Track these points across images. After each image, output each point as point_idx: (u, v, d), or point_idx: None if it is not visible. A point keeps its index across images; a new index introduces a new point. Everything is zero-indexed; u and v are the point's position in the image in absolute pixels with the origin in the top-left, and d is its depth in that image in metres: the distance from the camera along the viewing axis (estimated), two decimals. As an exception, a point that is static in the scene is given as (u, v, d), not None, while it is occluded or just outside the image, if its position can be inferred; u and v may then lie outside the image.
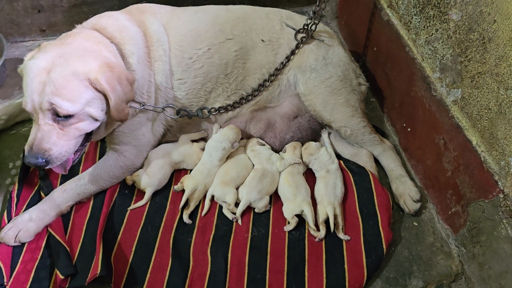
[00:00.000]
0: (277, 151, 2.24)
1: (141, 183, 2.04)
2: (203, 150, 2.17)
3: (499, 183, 1.72)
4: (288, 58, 2.22)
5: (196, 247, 1.93)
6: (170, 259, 1.88)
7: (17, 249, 1.87)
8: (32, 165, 1.65)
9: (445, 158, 2.01)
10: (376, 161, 2.26)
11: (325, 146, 2.22)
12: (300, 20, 2.29)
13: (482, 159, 1.78)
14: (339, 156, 2.24)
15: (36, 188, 2.07)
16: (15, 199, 2.01)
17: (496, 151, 1.72)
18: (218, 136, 2.11)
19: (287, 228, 1.98)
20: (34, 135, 1.64)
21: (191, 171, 2.14)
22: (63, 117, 1.64)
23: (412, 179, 2.19)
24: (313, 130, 2.28)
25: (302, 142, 2.24)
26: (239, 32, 2.18)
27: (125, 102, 1.78)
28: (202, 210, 2.04)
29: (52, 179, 2.10)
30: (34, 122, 1.67)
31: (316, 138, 2.29)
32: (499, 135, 1.69)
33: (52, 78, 1.60)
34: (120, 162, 2.03)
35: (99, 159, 2.14)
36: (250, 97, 2.23)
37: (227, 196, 2.00)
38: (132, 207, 2.02)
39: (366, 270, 1.86)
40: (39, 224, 1.90)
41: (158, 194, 2.09)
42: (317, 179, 2.13)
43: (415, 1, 2.12)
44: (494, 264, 1.77)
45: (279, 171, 2.12)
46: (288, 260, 1.90)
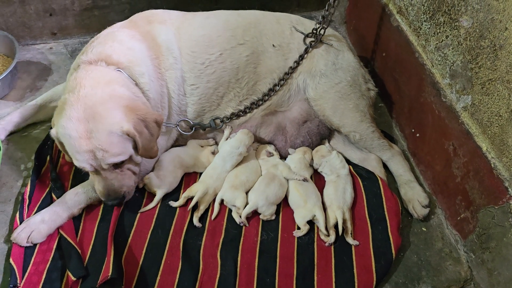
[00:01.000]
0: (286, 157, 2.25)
1: (152, 186, 2.06)
2: (213, 154, 2.18)
3: (509, 190, 1.72)
4: (297, 63, 2.24)
5: (206, 250, 1.94)
6: (180, 262, 1.89)
7: (28, 250, 1.89)
8: (116, 205, 1.92)
9: (454, 164, 2.02)
10: (385, 166, 2.27)
11: (335, 150, 2.22)
12: (310, 25, 2.31)
13: (492, 165, 1.79)
14: (348, 161, 2.25)
15: (47, 190, 2.08)
16: (27, 201, 2.03)
17: (507, 157, 1.73)
18: (234, 142, 2.12)
19: (297, 234, 1.99)
20: (105, 185, 1.85)
21: (201, 174, 2.16)
22: (119, 164, 1.83)
23: (421, 185, 2.19)
24: (322, 135, 2.29)
25: (311, 148, 2.25)
26: (250, 37, 2.20)
27: (153, 141, 1.88)
28: (211, 214, 2.05)
29: (63, 181, 2.12)
30: (95, 174, 1.86)
31: (324, 144, 2.30)
32: (510, 142, 1.70)
33: (96, 145, 1.73)
34: None
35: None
36: (261, 102, 2.25)
37: (236, 200, 2.02)
38: (142, 210, 2.04)
39: (375, 275, 1.87)
40: (51, 225, 1.92)
41: (169, 197, 2.10)
42: (326, 183, 2.14)
43: (425, 7, 2.14)
44: (504, 270, 1.77)
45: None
46: (297, 264, 1.91)
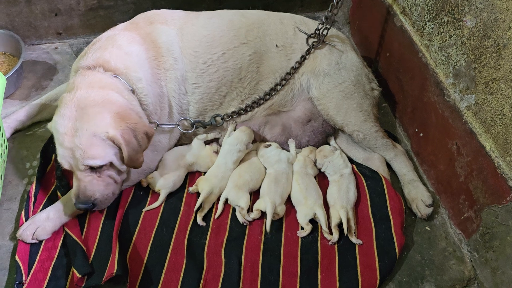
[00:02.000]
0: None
1: (156, 185, 2.07)
2: (216, 152, 2.19)
3: (513, 189, 1.73)
4: (299, 63, 2.24)
5: (210, 249, 1.95)
6: (185, 260, 1.90)
7: (34, 247, 1.91)
8: (83, 209, 1.88)
9: (458, 164, 2.02)
10: (388, 166, 2.28)
11: (338, 149, 2.23)
12: (314, 26, 2.32)
13: (496, 164, 1.79)
14: (351, 161, 2.26)
15: (53, 188, 2.10)
16: (33, 199, 2.04)
17: (510, 156, 1.73)
18: (232, 140, 2.13)
19: (301, 234, 1.99)
20: (77, 186, 1.83)
21: (205, 173, 2.17)
22: (98, 167, 1.81)
23: (424, 184, 2.20)
24: (327, 134, 2.30)
25: (317, 147, 2.26)
26: (253, 37, 2.21)
27: (140, 152, 1.88)
28: (215, 212, 2.06)
29: (68, 179, 2.13)
30: (74, 175, 1.86)
31: (330, 141, 2.31)
32: (513, 141, 1.71)
33: (77, 144, 1.75)
34: None
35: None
36: (262, 101, 2.26)
37: (240, 201, 2.02)
38: (147, 209, 2.05)
39: (379, 273, 1.87)
40: (56, 222, 1.93)
41: (173, 196, 2.11)
42: (330, 183, 2.14)
43: (428, 7, 2.14)
44: (508, 269, 1.77)
45: (292, 164, 2.16)
46: (301, 263, 1.92)
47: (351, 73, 2.26)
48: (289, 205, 2.10)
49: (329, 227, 2.01)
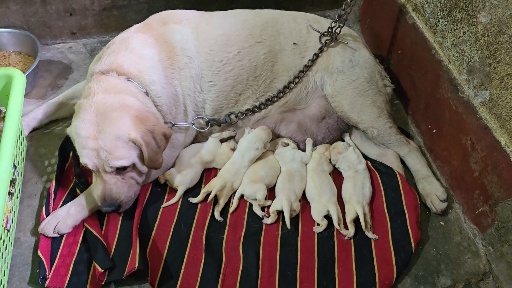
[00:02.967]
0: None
1: (174, 181, 2.10)
2: (233, 150, 2.22)
3: (529, 183, 1.75)
4: (312, 61, 2.27)
5: (228, 244, 1.98)
6: (203, 255, 1.93)
7: (55, 243, 1.94)
8: (110, 212, 1.92)
9: (472, 159, 2.04)
10: (402, 162, 2.30)
11: (352, 145, 2.26)
12: (326, 24, 2.34)
13: (511, 159, 1.81)
14: (366, 157, 2.28)
15: (71, 185, 2.13)
16: (53, 195, 2.07)
17: (526, 151, 1.75)
18: (251, 137, 2.16)
19: (317, 230, 2.02)
20: (103, 189, 1.87)
21: (220, 170, 2.20)
22: (122, 169, 1.87)
23: (438, 180, 2.22)
24: (341, 131, 2.33)
25: (332, 143, 2.29)
26: (267, 36, 2.24)
27: (159, 153, 1.93)
28: (231, 208, 2.09)
29: (87, 176, 2.17)
30: (97, 176, 1.90)
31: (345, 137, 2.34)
32: (529, 136, 1.73)
33: (102, 146, 1.80)
34: None
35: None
36: (276, 98, 2.29)
37: (257, 193, 2.05)
38: (165, 205, 2.08)
39: (395, 267, 1.89)
40: (77, 217, 1.97)
41: (189, 192, 2.14)
42: (344, 179, 2.17)
43: (441, 5, 2.17)
44: (523, 263, 1.80)
45: (305, 164, 2.18)
46: (318, 258, 1.94)
47: (365, 70, 2.28)
48: (304, 201, 2.13)
49: (344, 222, 2.03)
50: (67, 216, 1.96)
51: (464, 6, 2.01)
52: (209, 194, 2.09)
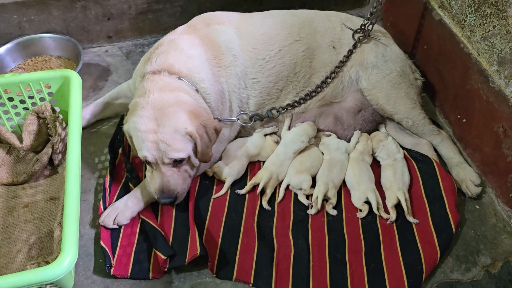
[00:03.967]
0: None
1: (222, 173, 2.21)
2: (277, 143, 2.33)
3: None
4: (347, 57, 2.39)
5: (278, 231, 2.09)
6: (256, 241, 2.03)
7: (114, 234, 2.04)
8: (167, 204, 2.02)
9: (504, 145, 2.16)
10: (435, 150, 2.42)
11: (390, 135, 2.38)
12: (358, 21, 2.47)
13: (545, 142, 1.94)
14: (401, 147, 2.40)
15: (123, 180, 2.24)
16: (108, 190, 2.18)
17: (560, 134, 1.87)
18: (298, 130, 2.28)
19: (360, 215, 2.13)
20: (160, 180, 1.98)
21: (264, 163, 2.31)
22: (179, 161, 1.98)
23: (470, 166, 2.34)
24: (377, 122, 2.45)
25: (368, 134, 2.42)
26: (305, 34, 2.36)
27: (210, 147, 2.05)
28: (278, 198, 2.20)
29: (138, 171, 2.27)
30: (155, 170, 2.00)
31: (380, 129, 2.46)
32: None
33: (161, 138, 1.91)
34: None
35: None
36: (314, 93, 2.41)
37: (303, 183, 2.17)
38: (215, 196, 2.19)
39: (438, 248, 2.01)
40: (134, 209, 2.08)
41: (236, 184, 2.25)
42: (383, 167, 2.28)
43: (469, 1, 2.29)
44: (560, 239, 1.91)
45: (349, 154, 2.30)
46: (364, 241, 2.05)
47: (397, 64, 2.41)
48: (346, 189, 2.25)
49: (385, 208, 2.15)
50: (125, 208, 2.06)
51: (493, 1, 2.13)
52: (256, 186, 2.20)
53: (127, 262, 1.96)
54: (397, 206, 2.15)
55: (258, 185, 2.20)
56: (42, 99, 2.25)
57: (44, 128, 2.24)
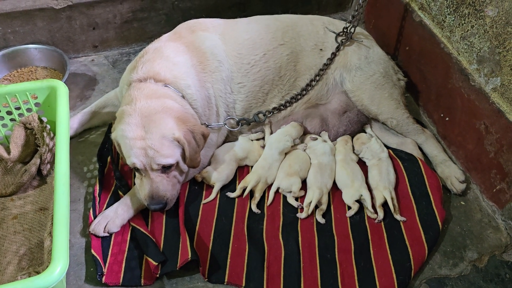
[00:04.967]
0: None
1: (211, 178, 2.23)
2: (263, 147, 2.36)
3: (544, 158, 1.92)
4: (330, 59, 2.44)
5: (268, 233, 2.11)
6: (247, 244, 2.05)
7: (105, 243, 2.04)
8: (157, 210, 2.02)
9: (487, 141, 2.22)
10: (420, 149, 2.46)
11: (374, 136, 2.42)
12: (340, 25, 2.52)
13: (525, 138, 1.99)
14: (386, 146, 2.44)
15: (113, 188, 2.24)
16: (98, 198, 2.18)
17: (539, 129, 1.93)
18: (281, 131, 2.32)
19: (350, 213, 2.16)
20: (150, 187, 1.99)
21: (252, 167, 2.33)
22: (167, 167, 1.98)
23: (455, 163, 2.39)
24: (362, 123, 2.49)
25: (353, 135, 2.45)
26: (289, 38, 2.40)
27: (198, 152, 2.06)
28: (267, 200, 2.22)
29: (127, 179, 2.28)
30: (144, 177, 2.01)
31: (365, 131, 2.50)
32: (541, 115, 1.90)
33: (149, 145, 1.92)
34: None
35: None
36: (299, 96, 2.45)
37: (293, 186, 2.19)
38: (205, 201, 2.20)
39: (426, 244, 2.04)
40: (124, 216, 2.08)
41: (225, 189, 2.27)
42: (369, 167, 2.32)
43: (448, 2, 2.35)
44: (543, 232, 1.97)
45: (336, 158, 2.33)
46: (353, 241, 2.09)
47: (380, 65, 2.46)
48: (333, 190, 2.28)
49: (373, 207, 2.18)
50: (115, 216, 2.07)
51: (471, 1, 2.19)
52: (245, 189, 2.22)
53: (119, 270, 1.96)
54: (384, 205, 2.19)
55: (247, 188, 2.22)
56: (29, 110, 2.25)
57: (32, 139, 2.24)
